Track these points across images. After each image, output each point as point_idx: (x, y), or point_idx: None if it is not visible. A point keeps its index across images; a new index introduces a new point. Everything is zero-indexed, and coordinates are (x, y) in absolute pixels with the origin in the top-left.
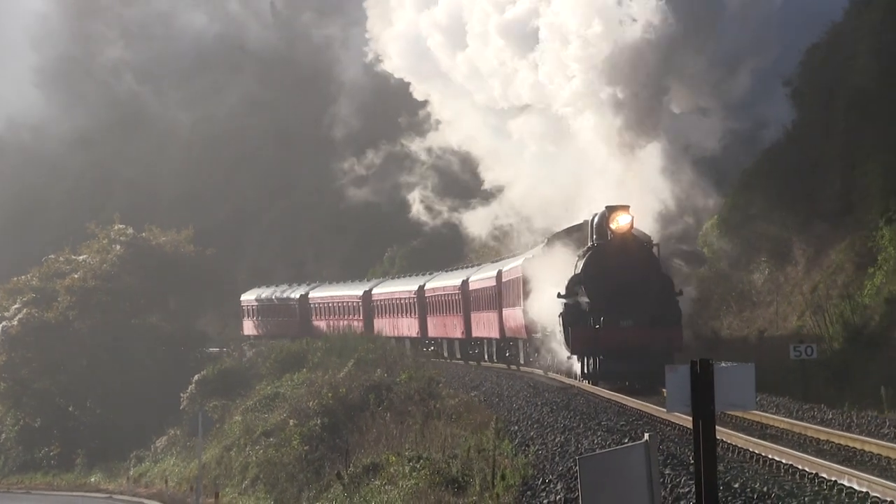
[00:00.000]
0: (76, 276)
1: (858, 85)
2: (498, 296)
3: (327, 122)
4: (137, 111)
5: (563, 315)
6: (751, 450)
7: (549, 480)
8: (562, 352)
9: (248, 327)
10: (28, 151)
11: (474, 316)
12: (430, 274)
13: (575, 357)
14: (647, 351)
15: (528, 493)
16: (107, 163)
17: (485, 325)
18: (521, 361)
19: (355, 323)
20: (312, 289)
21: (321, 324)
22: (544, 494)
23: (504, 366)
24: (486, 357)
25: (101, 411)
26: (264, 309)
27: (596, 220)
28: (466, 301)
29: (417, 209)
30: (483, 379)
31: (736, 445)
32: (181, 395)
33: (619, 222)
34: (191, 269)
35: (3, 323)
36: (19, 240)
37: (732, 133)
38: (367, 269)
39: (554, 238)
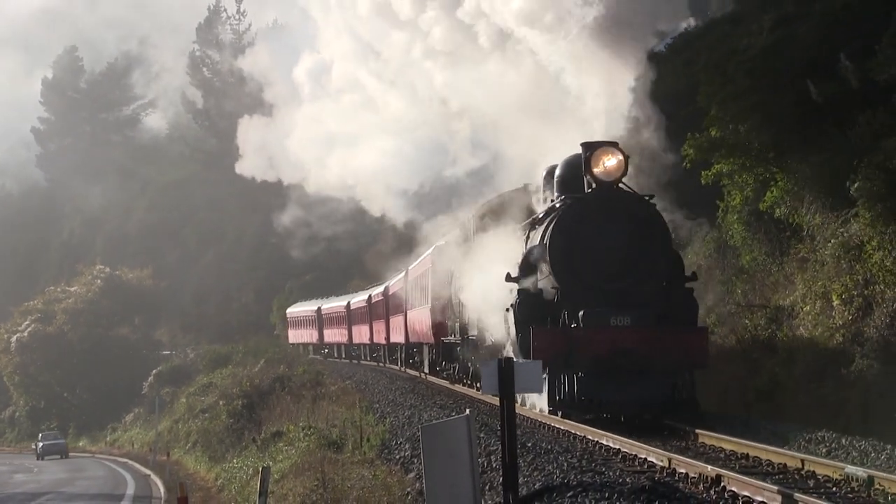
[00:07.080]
0: (69, 301)
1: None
2: (406, 297)
3: (247, 192)
4: (114, 187)
5: (516, 309)
6: (539, 420)
7: (400, 442)
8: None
9: (292, 336)
10: (35, 213)
11: (392, 320)
12: (380, 284)
13: None
14: (654, 366)
15: (386, 451)
16: (91, 222)
17: (398, 330)
18: (426, 371)
19: (344, 329)
20: (324, 303)
21: (329, 330)
22: (397, 452)
23: (416, 373)
24: (398, 364)
25: (86, 396)
26: (296, 321)
27: (558, 170)
28: (387, 305)
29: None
30: (355, 372)
31: (529, 417)
32: (143, 384)
33: (606, 165)
34: (150, 297)
35: (17, 335)
36: (29, 276)
37: None
38: (273, 297)
39: (475, 213)
